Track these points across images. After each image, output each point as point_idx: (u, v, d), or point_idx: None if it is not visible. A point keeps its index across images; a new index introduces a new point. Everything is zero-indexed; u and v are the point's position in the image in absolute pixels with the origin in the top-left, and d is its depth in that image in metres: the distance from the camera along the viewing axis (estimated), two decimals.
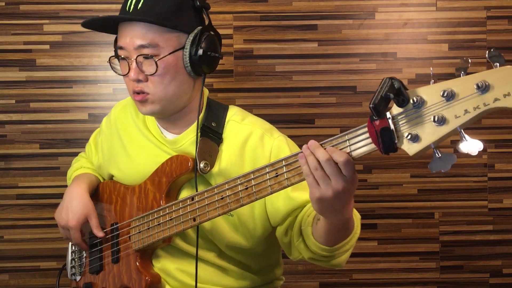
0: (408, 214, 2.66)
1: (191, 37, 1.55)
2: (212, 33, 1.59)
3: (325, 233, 1.42)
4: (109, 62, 1.59)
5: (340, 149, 1.19)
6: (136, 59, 1.52)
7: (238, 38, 2.58)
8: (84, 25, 1.58)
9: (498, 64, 0.97)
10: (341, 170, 1.19)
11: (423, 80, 2.57)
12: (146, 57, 1.52)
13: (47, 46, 2.58)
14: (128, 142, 1.74)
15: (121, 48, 1.54)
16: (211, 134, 1.61)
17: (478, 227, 2.66)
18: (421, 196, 2.64)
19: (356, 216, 1.49)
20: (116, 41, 1.60)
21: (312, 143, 1.23)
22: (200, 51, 1.54)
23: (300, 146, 1.26)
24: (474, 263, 2.68)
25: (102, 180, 1.86)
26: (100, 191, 1.81)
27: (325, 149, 1.21)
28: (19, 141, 2.60)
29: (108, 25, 1.60)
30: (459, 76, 1.01)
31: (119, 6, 2.48)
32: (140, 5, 1.52)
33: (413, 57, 2.59)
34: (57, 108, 2.60)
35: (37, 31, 2.58)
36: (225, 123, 1.65)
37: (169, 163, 1.61)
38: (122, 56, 1.55)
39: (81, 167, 1.89)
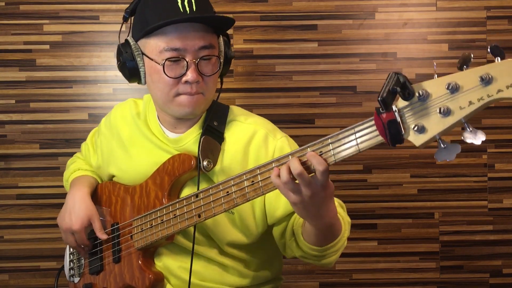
0: (408, 214, 2.66)
1: (222, 39, 1.61)
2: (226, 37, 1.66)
3: (312, 234, 1.47)
4: (163, 66, 1.51)
5: (347, 142, 1.21)
6: (198, 60, 1.52)
7: (238, 38, 2.59)
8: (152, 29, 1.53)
9: (499, 58, 1.01)
10: (311, 179, 1.24)
11: (423, 80, 2.55)
12: (207, 58, 1.54)
13: (47, 46, 2.59)
14: (129, 142, 1.74)
15: (176, 49, 1.51)
16: (213, 133, 1.62)
17: (478, 227, 2.67)
18: (421, 196, 2.65)
19: (344, 219, 1.53)
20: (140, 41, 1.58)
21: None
22: (232, 54, 1.64)
23: (300, 146, 1.30)
24: (474, 263, 2.68)
25: (100, 181, 1.86)
26: (99, 192, 1.81)
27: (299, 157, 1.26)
28: (19, 141, 2.60)
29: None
30: (462, 70, 1.04)
31: (119, 6, 2.55)
32: (194, 7, 1.51)
33: (413, 57, 2.60)
34: (57, 108, 2.60)
35: (37, 31, 2.58)
36: (227, 122, 1.67)
37: (171, 162, 1.61)
38: (179, 58, 1.52)
39: (78, 169, 1.89)
